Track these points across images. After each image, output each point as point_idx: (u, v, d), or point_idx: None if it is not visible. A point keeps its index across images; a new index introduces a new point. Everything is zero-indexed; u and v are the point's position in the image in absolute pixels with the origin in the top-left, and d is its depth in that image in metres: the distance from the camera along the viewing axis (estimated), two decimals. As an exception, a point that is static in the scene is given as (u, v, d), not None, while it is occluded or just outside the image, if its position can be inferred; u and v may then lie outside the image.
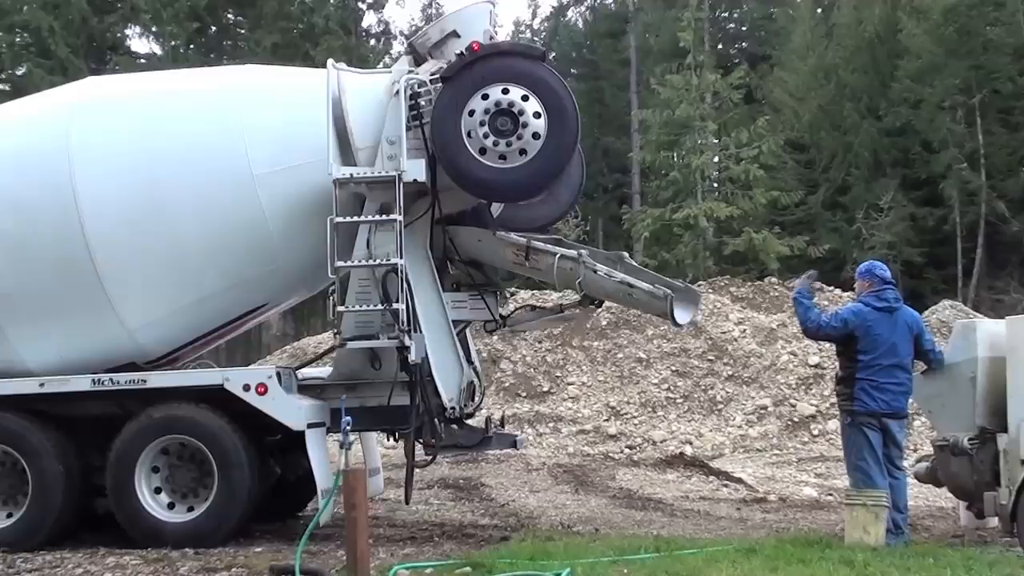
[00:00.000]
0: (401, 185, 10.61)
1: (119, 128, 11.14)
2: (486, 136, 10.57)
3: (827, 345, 17.26)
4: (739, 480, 15.83)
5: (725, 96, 40.58)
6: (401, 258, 10.58)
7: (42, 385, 10.92)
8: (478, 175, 10.65)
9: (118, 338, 11.10)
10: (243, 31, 45.42)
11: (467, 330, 12.05)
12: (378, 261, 10.67)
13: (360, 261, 10.75)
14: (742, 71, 42.83)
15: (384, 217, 10.68)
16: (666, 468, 17.00)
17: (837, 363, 10.72)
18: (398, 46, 52.85)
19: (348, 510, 8.47)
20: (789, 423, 20.07)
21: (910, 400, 10.42)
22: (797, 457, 18.55)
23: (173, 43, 41.50)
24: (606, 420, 20.40)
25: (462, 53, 10.79)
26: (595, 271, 11.02)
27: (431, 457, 11.25)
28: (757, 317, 23.18)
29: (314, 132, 10.74)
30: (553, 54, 50.73)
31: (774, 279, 27.77)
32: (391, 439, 12.18)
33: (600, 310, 12.37)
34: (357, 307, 10.76)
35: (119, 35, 42.76)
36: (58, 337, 11.11)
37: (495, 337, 22.26)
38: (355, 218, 10.77)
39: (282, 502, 12.16)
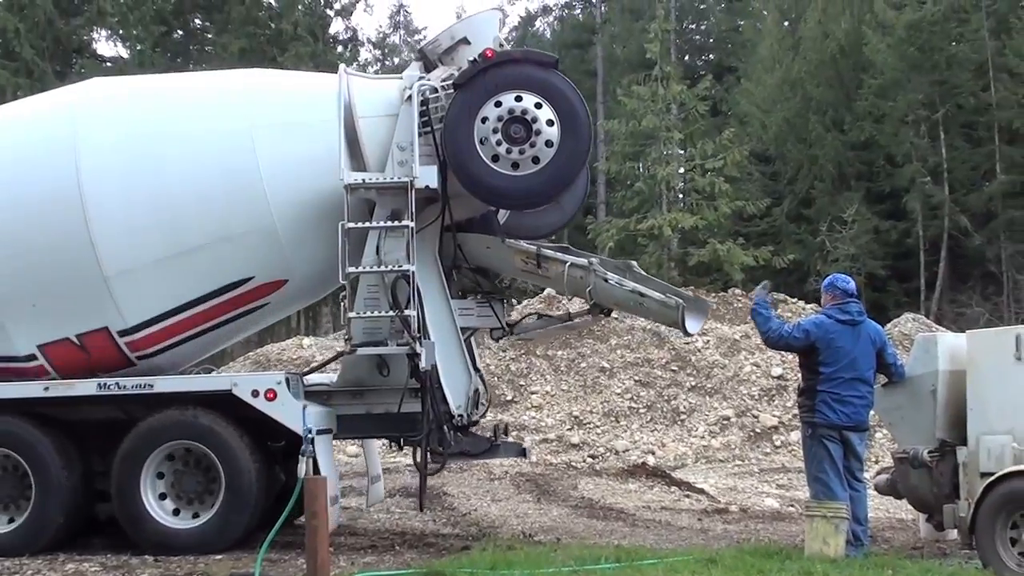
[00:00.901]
0: (413, 191, 10.61)
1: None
2: (499, 143, 10.60)
3: (790, 357, 17.35)
4: (701, 491, 15.86)
5: (691, 107, 40.70)
6: (413, 264, 10.58)
7: (47, 389, 10.82)
8: (490, 182, 10.66)
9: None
10: (210, 35, 45.20)
11: (471, 338, 11.96)
12: (389, 267, 10.66)
13: (370, 267, 10.72)
14: (708, 83, 42.99)
15: (396, 223, 10.67)
16: (628, 478, 17.00)
17: (799, 375, 10.77)
18: (365, 53, 52.96)
19: (309, 518, 8.43)
20: (751, 434, 20.13)
21: (871, 413, 10.48)
22: (759, 468, 18.60)
23: (139, 47, 41.20)
24: (569, 429, 20.38)
25: (475, 60, 10.81)
26: (606, 279, 11.05)
27: (439, 465, 11.22)
28: (721, 328, 23.24)
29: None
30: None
31: (738, 290, 27.87)
32: (393, 447, 12.10)
33: (608, 319, 12.38)
34: (368, 313, 10.71)
35: (85, 38, 42.42)
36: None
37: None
38: (366, 224, 10.76)
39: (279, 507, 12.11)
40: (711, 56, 62.34)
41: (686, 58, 57.79)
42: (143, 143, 10.98)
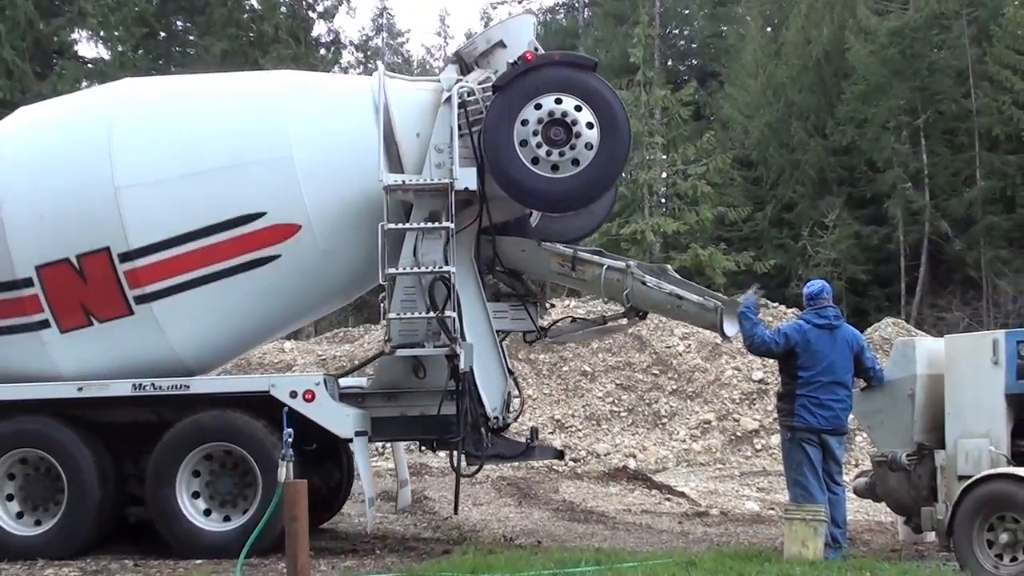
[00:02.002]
0: (453, 193, 10.62)
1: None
2: (539, 146, 10.62)
3: (771, 361, 17.33)
4: (681, 494, 15.89)
5: (674, 112, 40.75)
6: (452, 266, 10.59)
7: (80, 389, 10.70)
8: (530, 185, 10.68)
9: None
10: (192, 37, 45.06)
11: (503, 341, 11.96)
12: (428, 268, 10.64)
13: (409, 268, 10.71)
14: (692, 88, 43.06)
15: (436, 224, 10.67)
16: (609, 481, 17.03)
17: (779, 379, 10.82)
18: (348, 56, 52.74)
19: (289, 523, 8.42)
20: (732, 438, 20.18)
21: (850, 416, 10.52)
22: (740, 471, 18.65)
23: (121, 48, 41.05)
24: (551, 433, 20.39)
25: (515, 62, 10.84)
26: (644, 282, 11.06)
27: (477, 467, 11.25)
28: (702, 332, 23.24)
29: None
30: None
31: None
32: (424, 449, 12.03)
33: (643, 322, 12.47)
34: (408, 314, 10.69)
35: (67, 39, 42.23)
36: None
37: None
38: (405, 225, 10.75)
39: (311, 513, 12.04)
40: (694, 61, 62.43)
41: (669, 63, 57.78)
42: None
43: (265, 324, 11.51)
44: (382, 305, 11.16)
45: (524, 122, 10.63)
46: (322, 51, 47.50)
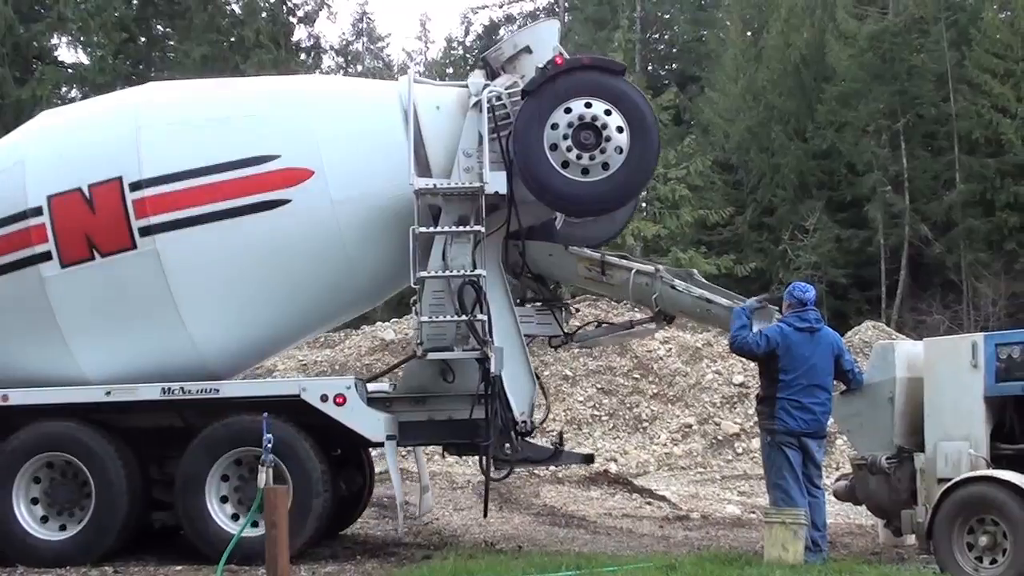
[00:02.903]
0: (483, 197, 10.63)
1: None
2: (569, 149, 10.61)
3: (751, 365, 17.37)
4: (662, 498, 15.91)
5: (655, 117, 40.78)
6: (483, 269, 10.60)
7: (108, 394, 10.66)
8: (561, 188, 10.67)
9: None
10: (172, 43, 44.91)
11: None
12: (461, 271, 10.63)
13: (437, 272, 10.69)
14: (672, 93, 43.12)
15: (468, 228, 10.66)
16: (590, 485, 17.02)
17: (760, 383, 10.83)
18: (329, 60, 52.72)
19: (269, 528, 8.39)
20: (713, 441, 20.20)
21: (830, 420, 10.55)
22: (721, 475, 18.68)
23: (100, 53, 40.92)
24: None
25: (545, 67, 10.83)
26: (673, 286, 11.06)
27: (507, 472, 11.25)
28: (682, 336, 23.29)
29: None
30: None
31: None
32: (446, 455, 11.97)
33: (670, 326, 12.45)
34: (439, 318, 10.68)
35: (46, 44, 42.10)
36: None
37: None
38: (436, 229, 10.74)
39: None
40: (675, 66, 62.45)
41: (650, 68, 57.84)
42: None
43: (274, 292, 11.07)
44: (413, 308, 11.09)
45: (554, 126, 10.63)
46: (302, 56, 47.46)
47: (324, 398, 10.46)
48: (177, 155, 10.77)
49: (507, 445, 10.91)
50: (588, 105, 10.66)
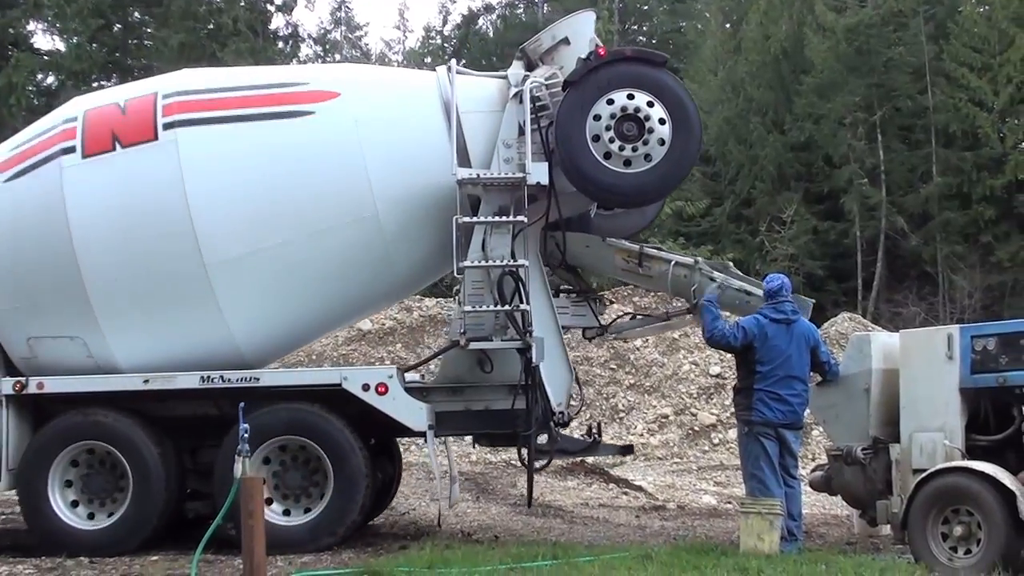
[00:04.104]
0: (526, 188, 10.63)
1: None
2: (612, 141, 10.64)
3: (728, 356, 17.40)
4: (639, 488, 15.93)
5: (633, 107, 40.77)
6: (527, 259, 10.64)
7: (146, 382, 10.62)
8: (603, 179, 10.69)
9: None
10: (149, 30, 44.69)
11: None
12: (500, 261, 10.64)
13: (476, 262, 10.69)
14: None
15: (510, 218, 10.67)
16: (567, 475, 17.03)
17: (737, 374, 10.86)
18: (306, 49, 52.51)
19: (245, 518, 8.35)
20: (690, 432, 20.20)
21: (806, 411, 10.58)
22: (697, 466, 18.68)
23: (76, 40, 40.67)
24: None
25: (587, 58, 10.87)
26: (712, 278, 11.10)
27: (546, 462, 11.25)
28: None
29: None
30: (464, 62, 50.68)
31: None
32: (475, 445, 11.91)
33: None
34: (482, 308, 10.67)
35: (22, 31, 41.83)
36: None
37: (399, 345, 22.16)
38: (479, 218, 10.75)
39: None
40: (653, 57, 62.40)
41: (628, 58, 57.69)
42: None
43: (294, 218, 10.84)
44: (456, 299, 11.03)
45: (596, 117, 10.65)
46: (280, 44, 47.32)
47: (366, 387, 10.49)
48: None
49: (546, 435, 10.94)
50: (631, 96, 10.70)
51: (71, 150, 10.72)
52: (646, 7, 62.79)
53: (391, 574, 8.80)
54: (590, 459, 18.57)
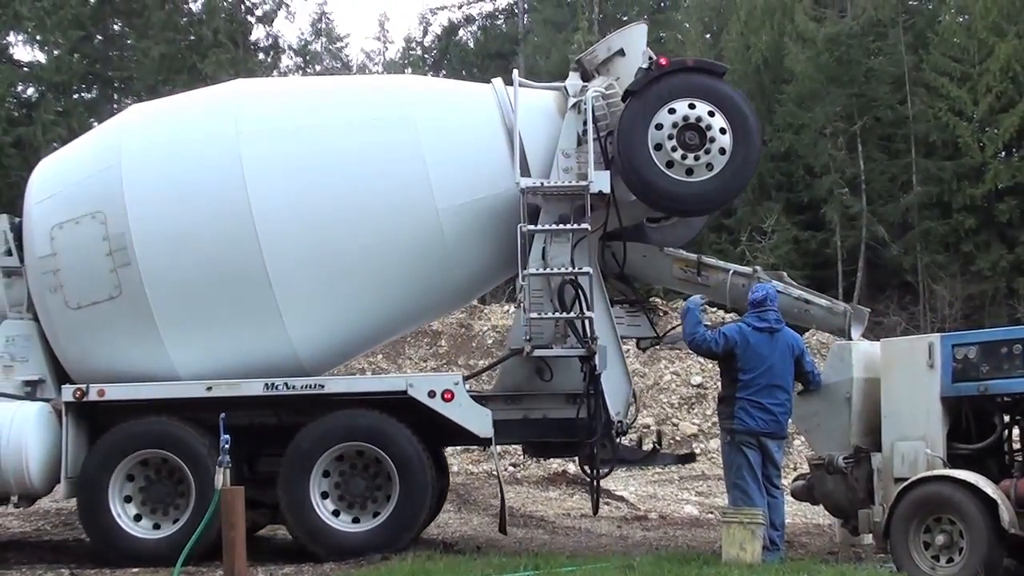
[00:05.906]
0: (589, 196, 10.69)
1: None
2: (674, 149, 10.73)
3: (710, 365, 17.45)
4: (620, 498, 15.92)
5: (615, 118, 40.82)
6: (591, 267, 10.71)
7: (209, 389, 10.58)
8: (665, 188, 10.77)
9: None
10: (130, 41, 44.55)
11: None
12: (564, 269, 10.67)
13: (538, 270, 10.70)
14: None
15: (574, 227, 10.74)
16: (548, 486, 17.04)
17: (719, 383, 10.86)
18: (287, 60, 52.45)
19: (227, 530, 8.34)
20: (671, 442, 20.21)
21: (789, 420, 10.58)
22: (679, 476, 18.70)
23: (57, 52, 40.54)
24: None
25: (648, 67, 10.95)
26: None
27: (608, 470, 11.23)
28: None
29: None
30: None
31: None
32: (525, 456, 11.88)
33: None
34: (547, 315, 10.70)
35: (2, 42, 41.66)
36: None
37: (379, 355, 22.13)
38: (543, 226, 10.81)
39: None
40: (634, 67, 62.55)
41: (609, 69, 57.85)
42: None
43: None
44: (520, 306, 11.05)
45: (658, 126, 10.75)
46: (260, 55, 47.27)
47: (432, 394, 10.50)
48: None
49: (607, 444, 10.93)
50: (692, 106, 10.82)
51: None
52: (626, 18, 62.92)
53: (372, 586, 8.77)
54: (571, 469, 18.62)
